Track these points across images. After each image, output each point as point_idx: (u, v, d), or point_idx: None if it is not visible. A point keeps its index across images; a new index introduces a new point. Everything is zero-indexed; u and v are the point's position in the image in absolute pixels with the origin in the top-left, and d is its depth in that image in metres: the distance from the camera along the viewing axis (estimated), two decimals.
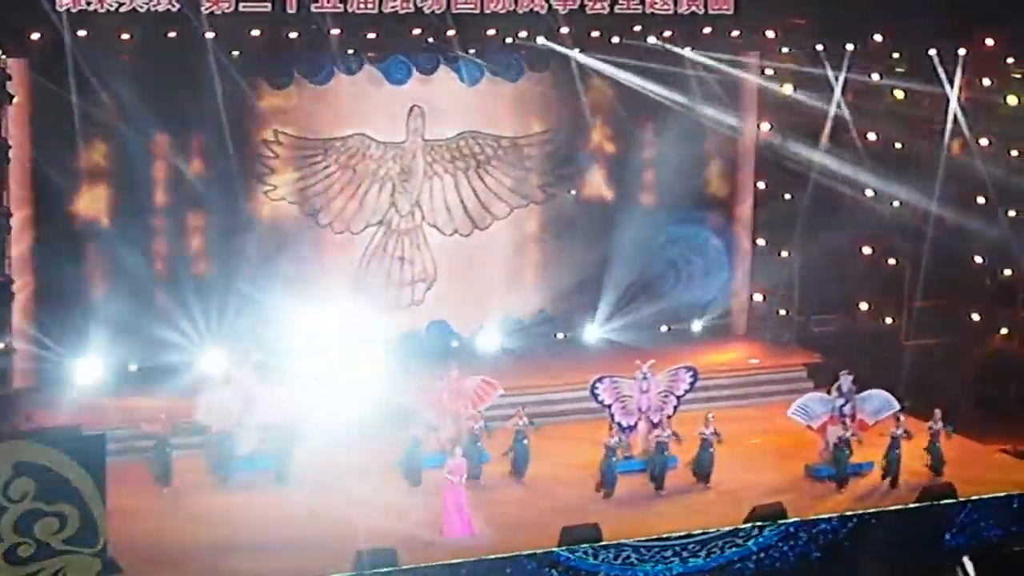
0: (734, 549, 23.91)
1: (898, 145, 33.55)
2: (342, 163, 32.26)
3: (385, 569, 22.00)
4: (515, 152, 33.49)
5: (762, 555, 24.06)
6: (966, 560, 24.62)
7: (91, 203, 30.11)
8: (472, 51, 31.70)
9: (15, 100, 28.02)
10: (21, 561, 20.26)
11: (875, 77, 32.71)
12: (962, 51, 31.88)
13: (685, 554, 23.63)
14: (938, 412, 27.37)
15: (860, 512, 24.89)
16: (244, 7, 28.95)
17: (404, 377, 28.85)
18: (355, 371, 29.16)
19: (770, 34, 32.92)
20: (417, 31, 30.66)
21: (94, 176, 30.08)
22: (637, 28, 31.91)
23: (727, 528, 24.01)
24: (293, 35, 29.76)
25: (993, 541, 25.27)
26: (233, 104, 30.18)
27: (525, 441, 26.98)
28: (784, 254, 34.87)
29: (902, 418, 27.33)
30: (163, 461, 26.20)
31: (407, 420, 27.14)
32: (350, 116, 32.13)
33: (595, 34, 31.80)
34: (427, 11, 30.12)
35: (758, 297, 35.50)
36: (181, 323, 30.30)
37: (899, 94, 32.78)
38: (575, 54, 31.96)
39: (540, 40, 31.53)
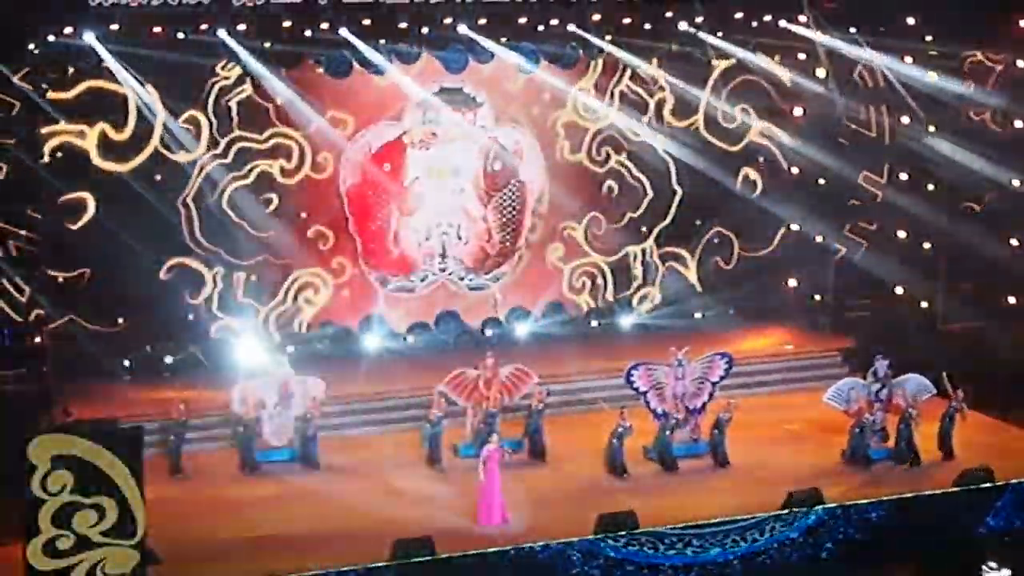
0: (772, 535, 23.86)
1: (931, 128, 33.36)
2: None
3: (422, 559, 22.04)
4: None
5: (800, 540, 24.00)
6: None
7: None
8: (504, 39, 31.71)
9: None
10: (60, 554, 20.31)
11: (908, 60, 32.51)
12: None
13: (724, 540, 23.59)
14: (960, 392, 27.20)
15: (897, 496, 24.78)
16: None
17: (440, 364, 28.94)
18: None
19: (801, 18, 32.68)
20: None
21: None
22: (668, 14, 31.83)
23: (764, 514, 23.96)
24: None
25: None
26: None
27: (539, 421, 27.03)
28: (820, 239, 34.77)
29: (908, 398, 27.15)
30: (175, 450, 26.33)
31: (439, 407, 27.11)
32: None
33: (626, 21, 31.74)
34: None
35: (792, 282, 35.37)
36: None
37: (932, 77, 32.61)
38: None
39: (571, 28, 31.49)
